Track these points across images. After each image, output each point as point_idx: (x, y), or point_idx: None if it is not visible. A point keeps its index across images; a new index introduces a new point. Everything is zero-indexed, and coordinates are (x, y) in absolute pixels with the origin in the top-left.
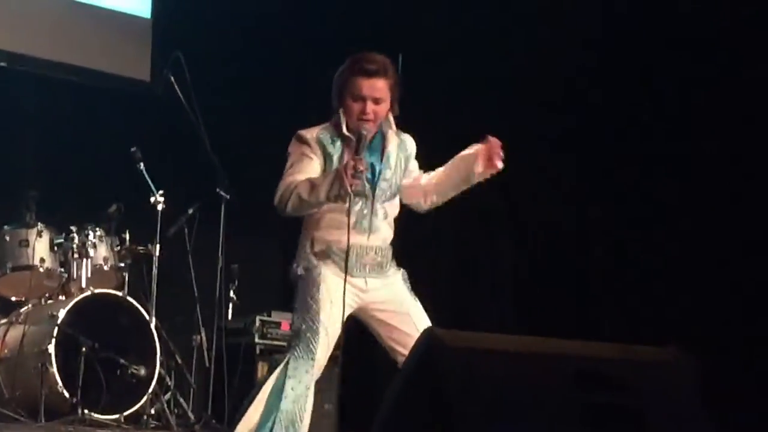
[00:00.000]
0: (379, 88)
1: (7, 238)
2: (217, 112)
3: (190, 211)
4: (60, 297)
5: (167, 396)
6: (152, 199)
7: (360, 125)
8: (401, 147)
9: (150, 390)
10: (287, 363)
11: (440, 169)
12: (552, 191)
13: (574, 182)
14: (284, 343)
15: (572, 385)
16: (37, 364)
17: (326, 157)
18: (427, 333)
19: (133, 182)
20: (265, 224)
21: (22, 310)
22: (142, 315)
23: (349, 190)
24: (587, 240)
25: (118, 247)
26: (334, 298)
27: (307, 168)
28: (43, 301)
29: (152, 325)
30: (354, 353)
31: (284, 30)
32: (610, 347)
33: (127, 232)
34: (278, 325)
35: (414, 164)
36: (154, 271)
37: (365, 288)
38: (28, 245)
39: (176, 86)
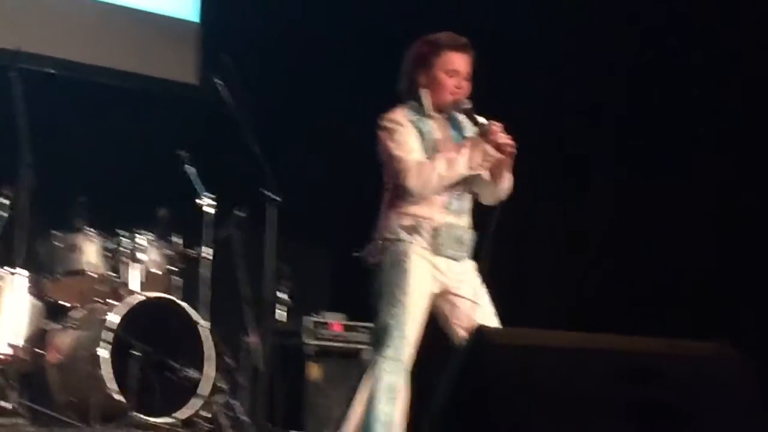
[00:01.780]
0: (469, 62)
1: (58, 244)
2: (266, 115)
3: (240, 214)
4: (111, 302)
5: (220, 399)
6: (201, 202)
7: (453, 100)
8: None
9: (202, 393)
10: (377, 363)
11: None
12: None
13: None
14: (334, 344)
15: (621, 382)
16: (90, 369)
17: (421, 134)
18: (476, 331)
19: (182, 186)
20: (315, 226)
21: (74, 314)
22: (193, 318)
23: (495, 154)
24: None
25: (169, 251)
26: (421, 284)
27: (414, 146)
28: (94, 306)
29: (204, 328)
30: None
31: (333, 32)
32: (659, 342)
33: (177, 235)
34: (329, 325)
35: None
36: (205, 274)
37: (445, 270)
38: (78, 250)
39: (225, 90)
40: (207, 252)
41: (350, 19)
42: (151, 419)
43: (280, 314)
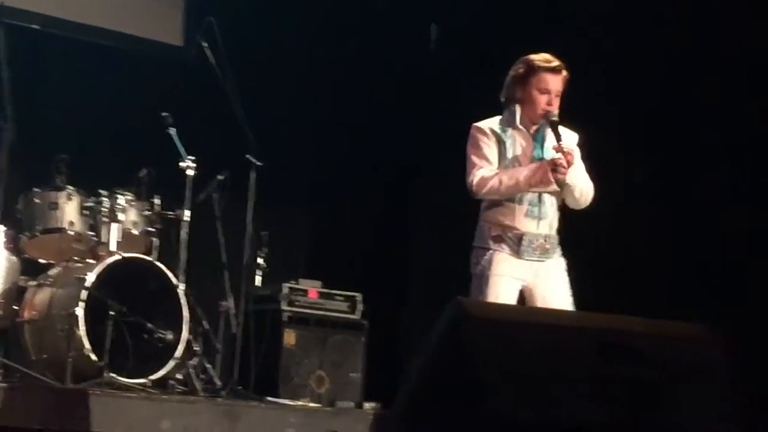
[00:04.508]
0: (561, 82)
1: (37, 201)
2: (249, 79)
3: (220, 177)
4: (89, 260)
5: (194, 361)
6: (182, 165)
7: (544, 115)
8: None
9: (177, 355)
10: None
11: None
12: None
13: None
14: (310, 311)
15: (598, 358)
16: (65, 327)
17: (500, 144)
18: (453, 304)
19: (163, 147)
20: (295, 192)
21: (51, 272)
22: (171, 280)
23: (553, 178)
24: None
25: (148, 212)
26: (505, 292)
27: (488, 154)
28: (71, 264)
29: (180, 291)
30: (380, 323)
31: None
32: (636, 321)
33: (157, 197)
34: (305, 292)
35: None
36: (183, 236)
37: (531, 270)
38: (57, 208)
39: (209, 52)
40: (186, 215)
41: None
42: (125, 380)
43: (257, 279)
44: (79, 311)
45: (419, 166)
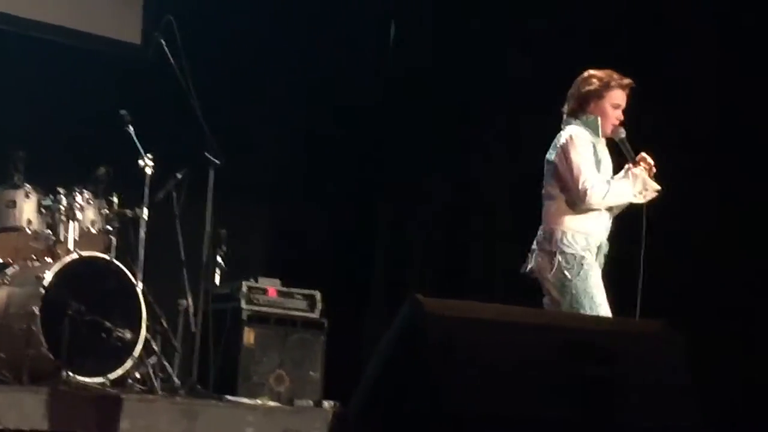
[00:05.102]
0: (628, 98)
1: None
2: (208, 77)
3: (179, 176)
4: (47, 259)
5: (152, 360)
6: (141, 163)
7: (615, 128)
8: None
9: (135, 353)
10: None
11: None
12: None
13: None
14: (269, 309)
15: (559, 356)
16: (22, 326)
17: (595, 154)
18: (410, 300)
19: (122, 145)
20: (255, 191)
21: (8, 271)
22: (129, 279)
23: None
24: None
25: (106, 210)
26: (601, 290)
27: (593, 163)
28: (29, 263)
29: (139, 289)
30: (341, 322)
31: None
32: (597, 319)
33: (116, 195)
34: (265, 291)
35: None
36: (142, 234)
37: (600, 276)
38: (15, 206)
39: (167, 50)
40: (144, 213)
41: None
42: (83, 378)
43: (216, 278)
44: (37, 310)
45: (382, 162)
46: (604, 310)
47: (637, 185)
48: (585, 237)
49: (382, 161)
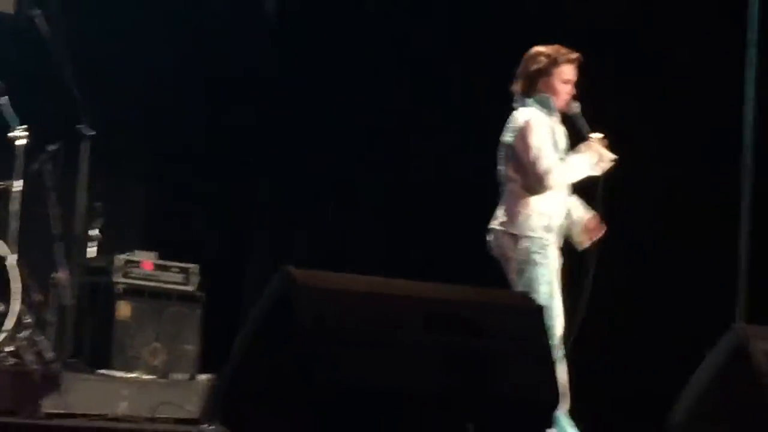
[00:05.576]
0: (577, 72)
1: None
2: (83, 48)
3: (53, 147)
4: None
5: (25, 333)
6: (12, 134)
7: (568, 103)
8: None
9: (7, 327)
10: None
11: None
12: None
13: None
14: (145, 282)
15: (424, 327)
16: None
17: (552, 133)
18: (282, 272)
19: None
20: (130, 163)
21: None
22: (0, 252)
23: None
24: None
25: None
26: (557, 275)
27: (550, 144)
28: None
29: (11, 262)
30: (219, 296)
31: None
32: (461, 290)
33: None
34: (139, 264)
35: None
36: (15, 207)
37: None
38: None
39: (41, 20)
40: (17, 185)
41: None
42: None
43: (91, 251)
44: None
45: (263, 138)
46: (557, 299)
47: (593, 157)
48: (548, 218)
49: (265, 135)
